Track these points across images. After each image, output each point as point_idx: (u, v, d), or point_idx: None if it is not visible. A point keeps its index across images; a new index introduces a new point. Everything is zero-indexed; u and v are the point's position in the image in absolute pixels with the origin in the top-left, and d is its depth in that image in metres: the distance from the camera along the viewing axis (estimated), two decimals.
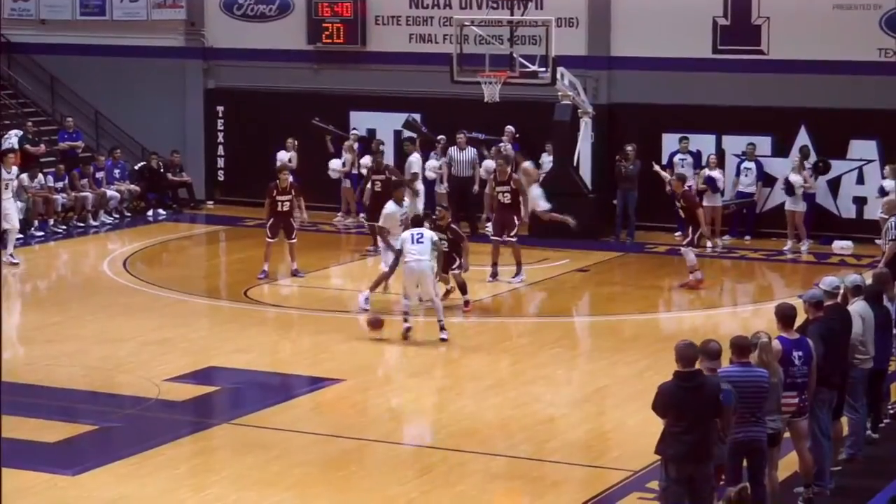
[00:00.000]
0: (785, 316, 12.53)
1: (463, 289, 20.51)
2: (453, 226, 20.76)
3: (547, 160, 27.15)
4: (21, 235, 26.53)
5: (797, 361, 12.30)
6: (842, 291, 13.83)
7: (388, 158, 26.82)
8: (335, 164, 27.85)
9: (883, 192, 23.94)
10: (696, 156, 26.74)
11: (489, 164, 26.11)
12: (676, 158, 26.70)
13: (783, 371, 12.05)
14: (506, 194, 22.59)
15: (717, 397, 10.99)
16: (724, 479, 11.85)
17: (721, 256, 25.36)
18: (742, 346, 11.75)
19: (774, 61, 26.57)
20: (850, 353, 13.50)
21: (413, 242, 18.66)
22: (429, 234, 18.93)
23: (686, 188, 22.61)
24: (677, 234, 26.60)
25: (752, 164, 26.33)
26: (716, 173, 26.00)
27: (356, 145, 27.64)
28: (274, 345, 18.75)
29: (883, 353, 14.15)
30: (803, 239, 25.31)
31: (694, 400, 10.93)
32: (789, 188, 25.03)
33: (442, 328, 18.77)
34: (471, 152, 27.25)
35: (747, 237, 26.22)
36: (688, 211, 22.28)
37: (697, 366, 11.01)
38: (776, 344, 12.18)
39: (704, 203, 26.05)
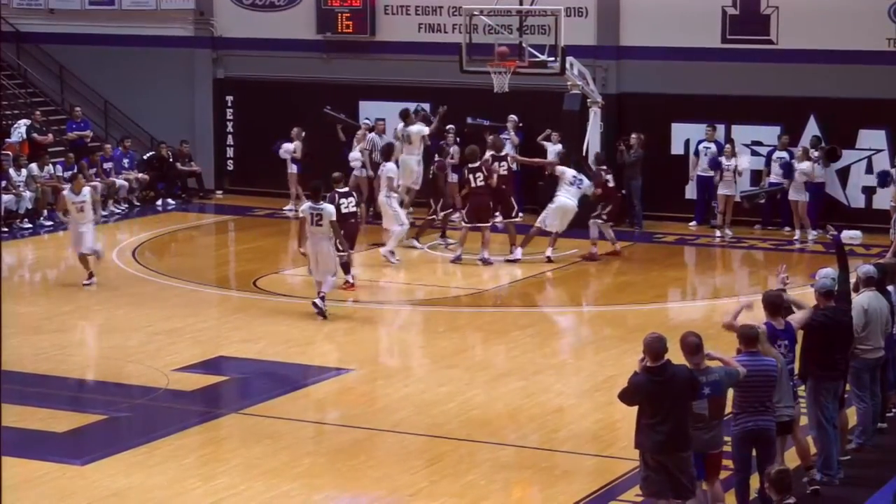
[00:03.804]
0: (771, 304, 12.61)
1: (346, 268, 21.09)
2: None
3: (552, 148, 27.10)
4: (31, 225, 26.59)
5: (783, 349, 12.38)
6: (854, 280, 13.82)
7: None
8: (354, 155, 27.66)
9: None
10: (720, 146, 26.62)
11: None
12: (701, 147, 26.59)
13: None
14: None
15: (688, 385, 11.02)
16: (733, 469, 11.85)
17: (729, 246, 25.28)
18: (749, 337, 11.74)
19: (783, 51, 26.49)
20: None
21: (312, 224, 19.37)
22: (327, 209, 19.46)
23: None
24: (691, 223, 26.55)
25: (784, 154, 26.18)
26: (730, 162, 25.95)
27: (368, 135, 27.58)
28: (283, 334, 18.72)
29: (887, 342, 14.07)
30: (807, 229, 25.25)
31: (665, 393, 10.94)
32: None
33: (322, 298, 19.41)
34: (387, 139, 27.46)
35: (787, 228, 26.03)
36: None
37: (666, 358, 11.00)
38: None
39: (720, 192, 26.03)
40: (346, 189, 21.51)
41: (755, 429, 11.70)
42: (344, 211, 20.74)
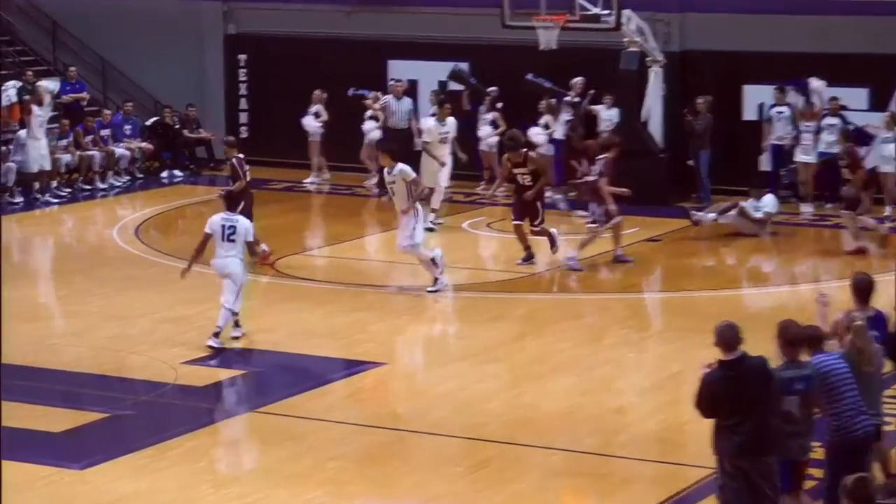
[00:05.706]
0: (859, 289, 12.47)
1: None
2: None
3: (606, 114, 27.00)
4: (21, 199, 26.65)
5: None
6: None
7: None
8: (369, 126, 27.65)
9: None
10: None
11: (429, 122, 25.30)
12: (773, 112, 26.42)
13: None
14: (525, 176, 21.69)
15: (768, 378, 10.92)
16: (825, 478, 11.76)
17: (811, 224, 25.12)
18: (811, 338, 11.54)
19: (870, 3, 26.21)
20: None
21: (224, 239, 17.64)
22: (242, 224, 17.69)
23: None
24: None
25: (835, 120, 25.98)
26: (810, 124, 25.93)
27: (383, 98, 27.54)
28: (305, 323, 18.75)
29: None
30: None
31: (743, 389, 10.85)
32: None
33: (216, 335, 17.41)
34: (407, 102, 27.30)
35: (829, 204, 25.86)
36: None
37: (741, 349, 10.89)
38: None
39: (797, 158, 25.93)
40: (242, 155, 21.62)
41: (863, 435, 11.52)
42: (248, 179, 21.23)
